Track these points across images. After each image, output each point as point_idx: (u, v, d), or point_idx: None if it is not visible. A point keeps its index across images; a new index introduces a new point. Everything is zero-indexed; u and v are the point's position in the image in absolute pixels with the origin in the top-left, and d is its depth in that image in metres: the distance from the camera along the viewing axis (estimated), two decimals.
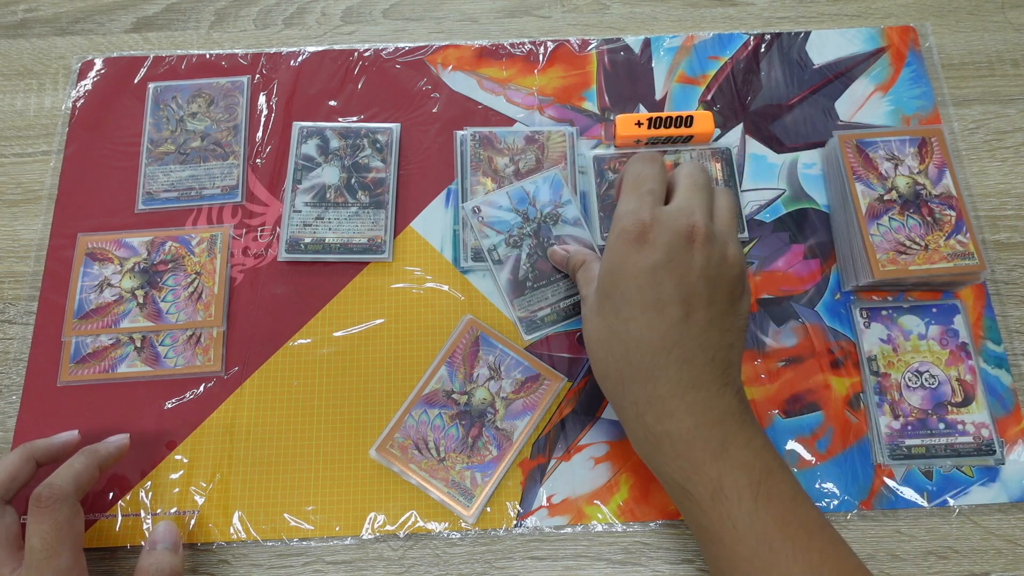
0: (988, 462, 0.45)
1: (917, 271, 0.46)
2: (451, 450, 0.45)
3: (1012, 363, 0.48)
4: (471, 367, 0.47)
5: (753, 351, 0.48)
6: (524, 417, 0.46)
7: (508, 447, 0.45)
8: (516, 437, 0.46)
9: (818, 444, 0.46)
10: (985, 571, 0.44)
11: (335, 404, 0.47)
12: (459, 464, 0.45)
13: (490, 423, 0.46)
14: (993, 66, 0.57)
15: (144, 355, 0.48)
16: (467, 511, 0.44)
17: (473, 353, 0.47)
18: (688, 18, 0.59)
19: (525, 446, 0.46)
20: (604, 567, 0.44)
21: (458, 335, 0.47)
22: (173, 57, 0.56)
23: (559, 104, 0.55)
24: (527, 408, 0.46)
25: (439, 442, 0.45)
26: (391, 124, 0.53)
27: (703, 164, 0.44)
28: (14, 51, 0.57)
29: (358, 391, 0.47)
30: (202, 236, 0.51)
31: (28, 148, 0.54)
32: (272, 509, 0.45)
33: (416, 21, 0.59)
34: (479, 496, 0.44)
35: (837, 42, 0.57)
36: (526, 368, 0.47)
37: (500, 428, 0.46)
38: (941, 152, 0.50)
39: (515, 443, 0.45)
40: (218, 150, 0.53)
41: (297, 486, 0.45)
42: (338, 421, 0.47)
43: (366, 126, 0.53)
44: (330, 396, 0.47)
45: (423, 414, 0.46)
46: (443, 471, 0.45)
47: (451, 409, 0.46)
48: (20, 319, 0.49)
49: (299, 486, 0.45)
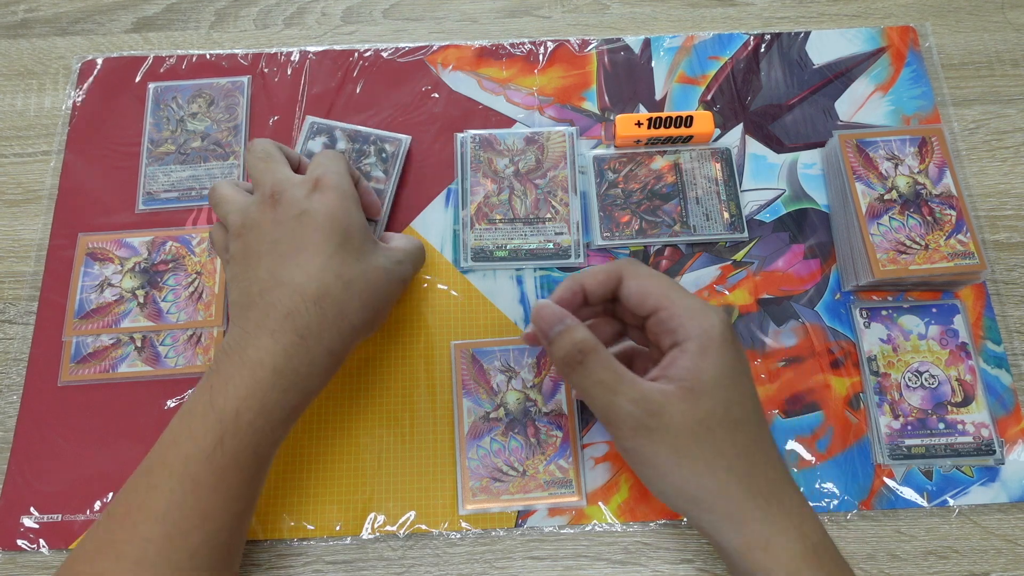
0: (988, 462, 0.45)
1: (917, 271, 0.46)
2: (524, 460, 0.45)
3: (1012, 363, 0.48)
4: (487, 382, 0.47)
5: (753, 351, 0.48)
6: (560, 388, 0.47)
7: (566, 421, 0.46)
8: (566, 409, 0.46)
9: (818, 444, 0.46)
10: (985, 571, 0.44)
11: (335, 403, 0.47)
12: (540, 465, 0.45)
13: (538, 414, 0.46)
14: (993, 66, 0.57)
15: (145, 355, 0.48)
16: (576, 498, 0.44)
17: (479, 370, 0.47)
18: (688, 18, 0.59)
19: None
20: (604, 567, 0.44)
21: (456, 365, 0.47)
22: (173, 57, 0.56)
23: (559, 104, 0.55)
24: (556, 379, 0.47)
25: (510, 462, 0.45)
26: (402, 135, 0.52)
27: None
28: (14, 51, 0.57)
29: (358, 390, 0.47)
30: (202, 236, 0.51)
31: (28, 148, 0.54)
32: (272, 509, 0.45)
33: (416, 21, 0.59)
34: (575, 478, 0.45)
35: (837, 42, 0.57)
36: (531, 350, 0.48)
37: (548, 412, 0.46)
38: (941, 152, 0.50)
39: (569, 414, 0.46)
40: (218, 150, 0.53)
41: (297, 486, 0.45)
42: (338, 420, 0.47)
43: (376, 132, 0.52)
44: (330, 395, 0.47)
45: (478, 449, 0.46)
46: (532, 481, 0.45)
47: (498, 428, 0.46)
48: (20, 319, 0.49)
49: (299, 486, 0.45)
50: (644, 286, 0.36)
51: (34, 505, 0.45)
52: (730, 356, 0.34)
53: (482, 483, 0.45)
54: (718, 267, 0.50)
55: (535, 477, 0.45)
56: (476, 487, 0.45)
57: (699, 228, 0.51)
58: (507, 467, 0.45)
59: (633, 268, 0.37)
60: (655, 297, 0.36)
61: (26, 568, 0.44)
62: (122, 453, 0.46)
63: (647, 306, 0.36)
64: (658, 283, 0.36)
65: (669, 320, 0.35)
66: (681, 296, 0.36)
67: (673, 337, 0.35)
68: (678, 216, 0.51)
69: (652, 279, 0.37)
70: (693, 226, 0.51)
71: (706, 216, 0.51)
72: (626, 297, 0.37)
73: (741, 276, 0.50)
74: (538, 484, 0.45)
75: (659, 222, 0.51)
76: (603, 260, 0.50)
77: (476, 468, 0.45)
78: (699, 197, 0.52)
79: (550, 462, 0.45)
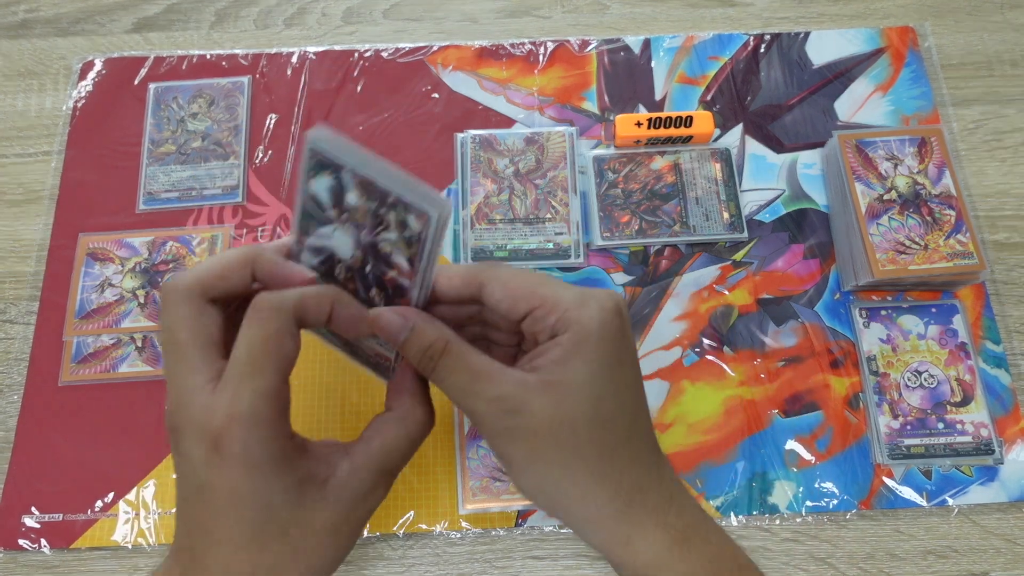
0: (987, 461, 0.45)
1: (916, 271, 0.46)
2: None
3: (1011, 363, 0.48)
4: None
5: (753, 351, 0.48)
6: None
7: None
8: None
9: (817, 444, 0.46)
10: (984, 570, 0.44)
11: (335, 403, 0.47)
12: None
13: None
14: (992, 66, 0.57)
15: (145, 355, 0.48)
16: None
17: None
18: (688, 18, 0.59)
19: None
20: (604, 567, 0.44)
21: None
22: (174, 57, 0.56)
23: (559, 104, 0.55)
24: None
25: None
26: (437, 196, 0.29)
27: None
28: (15, 52, 0.58)
29: (358, 390, 0.47)
30: (203, 236, 0.51)
31: (29, 148, 0.54)
32: None
33: (416, 21, 0.59)
34: None
35: (837, 42, 0.57)
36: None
37: None
38: (940, 152, 0.50)
39: None
40: (219, 150, 0.53)
41: None
42: (337, 420, 0.47)
43: (396, 191, 0.29)
44: (330, 395, 0.47)
45: (478, 449, 0.46)
46: None
47: None
48: (21, 319, 0.50)
49: None
50: (511, 289, 0.33)
51: (35, 504, 0.45)
52: (608, 349, 0.32)
53: (482, 483, 0.45)
54: (718, 267, 0.50)
55: None
56: (476, 487, 0.45)
57: (699, 228, 0.51)
58: None
59: (494, 272, 0.34)
60: (526, 299, 0.33)
61: (27, 567, 0.44)
62: (123, 453, 0.46)
63: (519, 309, 0.33)
64: (526, 281, 0.33)
65: (545, 318, 0.32)
66: (555, 289, 0.33)
67: (550, 333, 0.32)
68: (678, 216, 0.51)
69: (518, 279, 0.33)
70: (693, 226, 0.51)
71: (706, 216, 0.51)
72: (495, 304, 0.33)
73: (741, 276, 0.50)
74: None
75: (659, 222, 0.51)
76: (603, 260, 0.50)
77: (476, 468, 0.45)
78: (699, 197, 0.52)
79: None
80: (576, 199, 0.51)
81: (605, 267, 0.50)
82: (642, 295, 0.50)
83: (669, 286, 0.50)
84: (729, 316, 0.49)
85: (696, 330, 0.49)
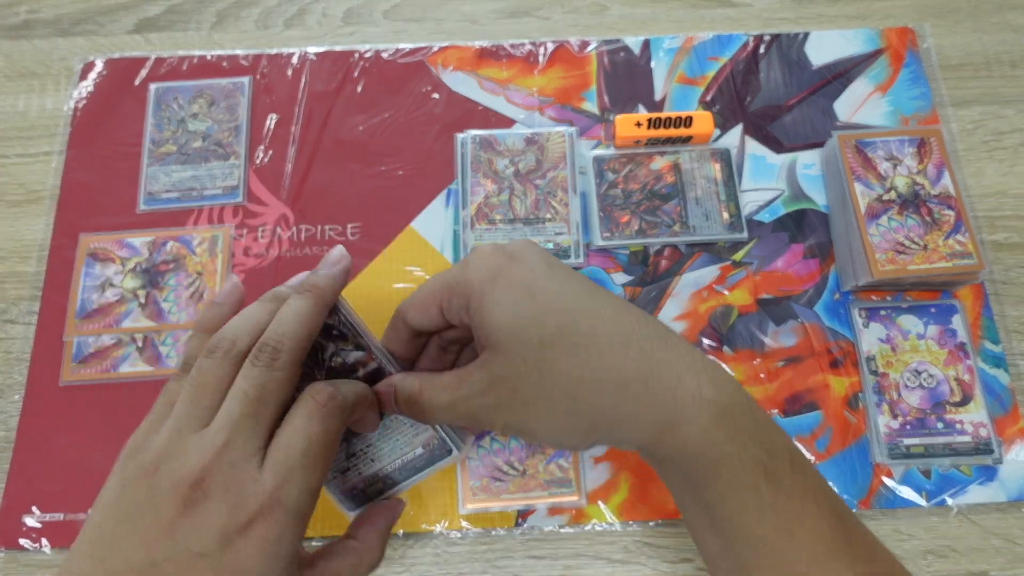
0: (986, 461, 0.46)
1: (916, 271, 0.46)
2: (524, 459, 0.45)
3: (1010, 363, 0.48)
4: None
5: (752, 351, 0.48)
6: None
7: None
8: None
9: (817, 444, 0.46)
10: (983, 570, 0.44)
11: None
12: (540, 464, 0.45)
13: None
14: (991, 67, 0.57)
15: (146, 355, 0.48)
16: (576, 497, 0.45)
17: None
18: (687, 19, 0.59)
19: None
20: (604, 566, 0.44)
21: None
22: (174, 58, 0.56)
23: (559, 105, 0.55)
24: None
25: (510, 461, 0.46)
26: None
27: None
28: (16, 52, 0.58)
29: None
30: (203, 236, 0.51)
31: (30, 149, 0.54)
32: None
33: (416, 22, 0.59)
34: (575, 477, 0.45)
35: (836, 43, 0.57)
36: None
37: None
38: (940, 152, 0.50)
39: None
40: (219, 150, 0.53)
41: None
42: None
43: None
44: None
45: (478, 449, 0.46)
46: (532, 480, 0.45)
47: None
48: (22, 319, 0.50)
49: None
50: (417, 305, 0.34)
51: (36, 504, 0.45)
52: (506, 283, 0.31)
53: (482, 482, 0.45)
54: (717, 267, 0.50)
55: (535, 476, 0.45)
56: (476, 486, 0.45)
57: (699, 228, 0.51)
58: (507, 466, 0.45)
59: (406, 302, 0.35)
60: (433, 303, 0.34)
61: (28, 567, 0.44)
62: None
63: (433, 315, 0.34)
64: (424, 289, 0.34)
65: (450, 308, 0.33)
66: (442, 279, 0.33)
67: (466, 314, 0.32)
68: (678, 216, 0.51)
69: (420, 292, 0.34)
70: (693, 226, 0.51)
71: (705, 216, 0.51)
72: (419, 324, 0.34)
73: (740, 276, 0.50)
74: (538, 483, 0.45)
75: (659, 222, 0.51)
76: (603, 260, 0.51)
77: (476, 467, 0.45)
78: (699, 197, 0.52)
79: (550, 461, 0.45)
80: (576, 199, 0.51)
81: (605, 267, 0.50)
82: (642, 295, 0.50)
83: (669, 286, 0.50)
84: (729, 316, 0.49)
85: (696, 330, 0.49)
